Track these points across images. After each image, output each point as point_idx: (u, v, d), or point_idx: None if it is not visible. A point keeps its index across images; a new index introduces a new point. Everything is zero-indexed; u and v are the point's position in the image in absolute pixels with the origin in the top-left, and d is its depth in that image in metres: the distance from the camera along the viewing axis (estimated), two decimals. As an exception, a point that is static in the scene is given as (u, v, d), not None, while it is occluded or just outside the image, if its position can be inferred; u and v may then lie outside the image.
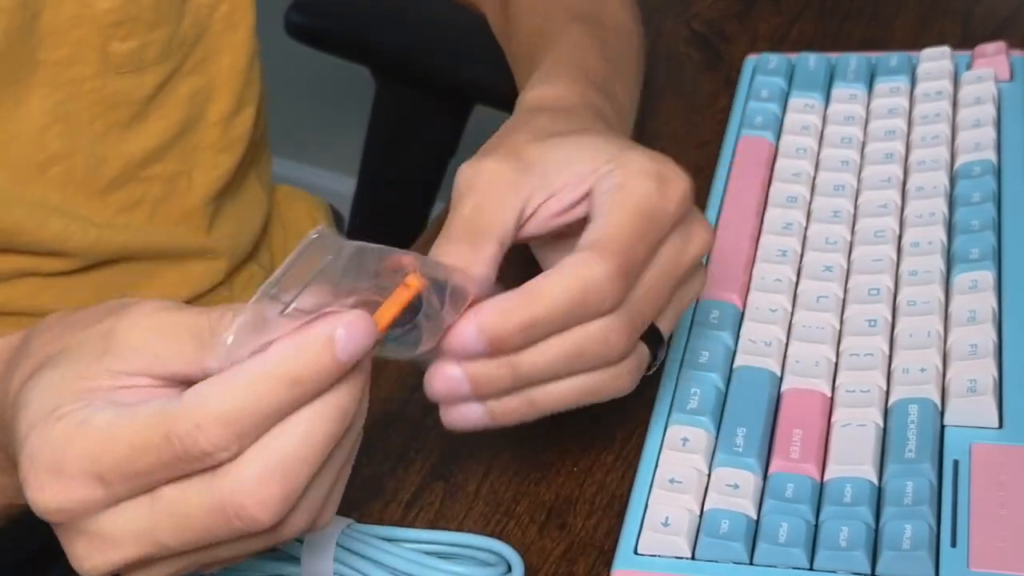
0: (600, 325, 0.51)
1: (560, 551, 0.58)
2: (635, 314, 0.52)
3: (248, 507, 0.44)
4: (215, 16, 0.78)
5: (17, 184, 0.72)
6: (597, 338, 0.51)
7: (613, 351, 0.51)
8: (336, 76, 1.52)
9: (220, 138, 0.81)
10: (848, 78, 0.78)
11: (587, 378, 0.52)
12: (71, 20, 0.71)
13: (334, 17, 1.26)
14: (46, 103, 0.72)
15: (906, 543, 0.52)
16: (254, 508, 0.44)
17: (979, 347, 0.60)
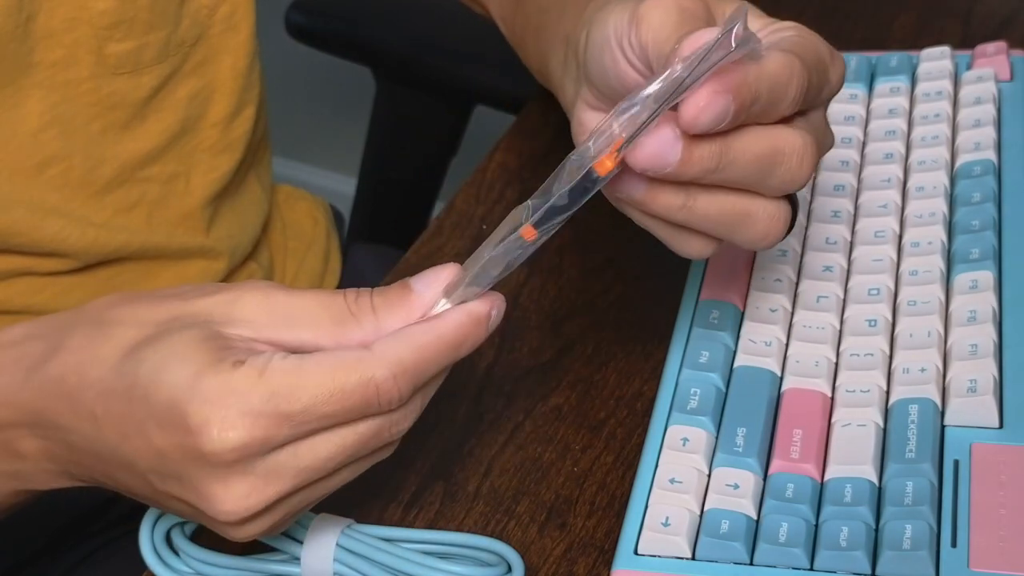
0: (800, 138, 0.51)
1: (560, 551, 0.58)
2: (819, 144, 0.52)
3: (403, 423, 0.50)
4: (215, 18, 0.78)
5: (14, 185, 0.72)
6: (795, 147, 0.51)
7: (804, 169, 0.51)
8: (337, 76, 1.53)
9: (219, 140, 0.81)
10: (848, 78, 0.78)
11: (753, 201, 0.52)
12: (67, 22, 0.71)
13: (335, 17, 1.26)
14: (43, 104, 0.72)
15: (906, 543, 0.52)
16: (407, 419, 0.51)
17: (979, 347, 0.60)
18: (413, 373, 0.49)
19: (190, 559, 0.57)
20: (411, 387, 0.49)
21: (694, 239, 0.53)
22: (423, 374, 0.49)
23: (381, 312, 0.50)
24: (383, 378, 0.48)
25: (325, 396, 0.47)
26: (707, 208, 0.51)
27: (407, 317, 0.50)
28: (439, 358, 0.50)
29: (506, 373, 0.67)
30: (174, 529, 0.58)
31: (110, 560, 0.82)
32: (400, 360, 0.48)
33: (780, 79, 0.50)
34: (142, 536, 0.57)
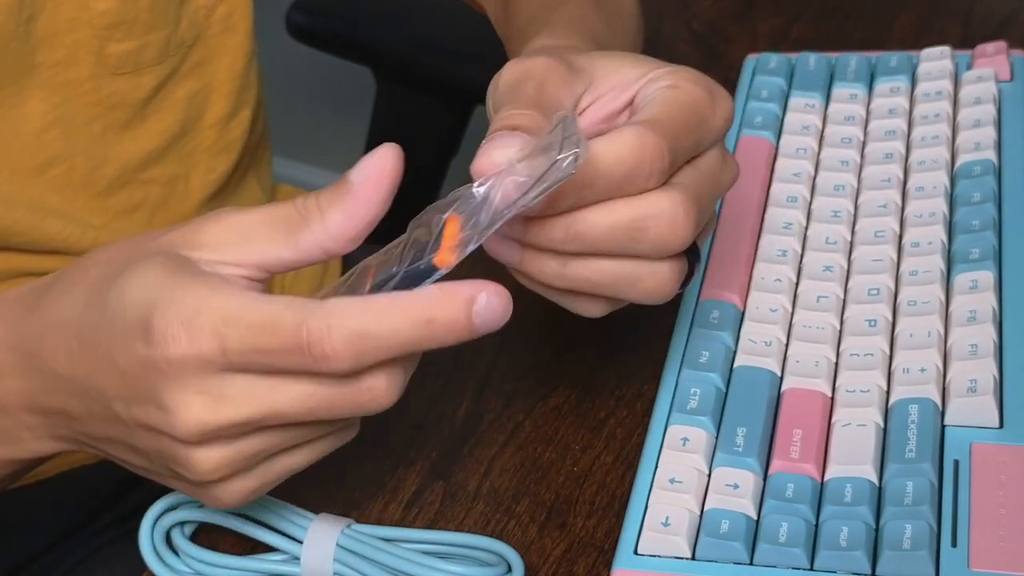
0: (667, 201, 0.50)
1: (560, 551, 0.58)
2: (700, 202, 0.51)
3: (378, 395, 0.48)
4: (212, 18, 0.78)
5: (16, 185, 0.72)
6: (662, 213, 0.50)
7: (678, 235, 0.51)
8: (337, 76, 1.53)
9: (216, 141, 0.81)
10: (848, 78, 0.78)
11: (632, 264, 0.52)
12: (68, 22, 0.71)
13: (335, 17, 1.26)
14: (44, 105, 0.72)
15: (906, 543, 0.52)
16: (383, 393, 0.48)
17: (979, 347, 0.60)
18: (353, 335, 0.46)
19: (190, 559, 0.58)
20: (350, 349, 0.46)
21: (584, 301, 0.54)
22: (368, 340, 0.46)
23: (326, 210, 0.49)
24: (316, 327, 0.46)
25: (259, 328, 0.46)
26: (584, 273, 0.52)
27: (348, 208, 0.48)
28: (395, 330, 0.46)
29: (506, 373, 0.67)
30: (174, 529, 0.58)
31: (110, 560, 0.82)
32: (341, 315, 0.46)
33: (624, 162, 0.49)
34: (142, 536, 0.57)
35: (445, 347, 0.48)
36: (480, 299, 0.47)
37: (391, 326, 0.46)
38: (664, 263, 0.52)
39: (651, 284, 0.52)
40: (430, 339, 0.46)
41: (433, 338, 0.46)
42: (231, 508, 0.53)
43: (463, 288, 0.47)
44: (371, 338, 0.46)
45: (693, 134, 0.52)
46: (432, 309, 0.46)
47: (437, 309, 0.46)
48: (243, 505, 0.52)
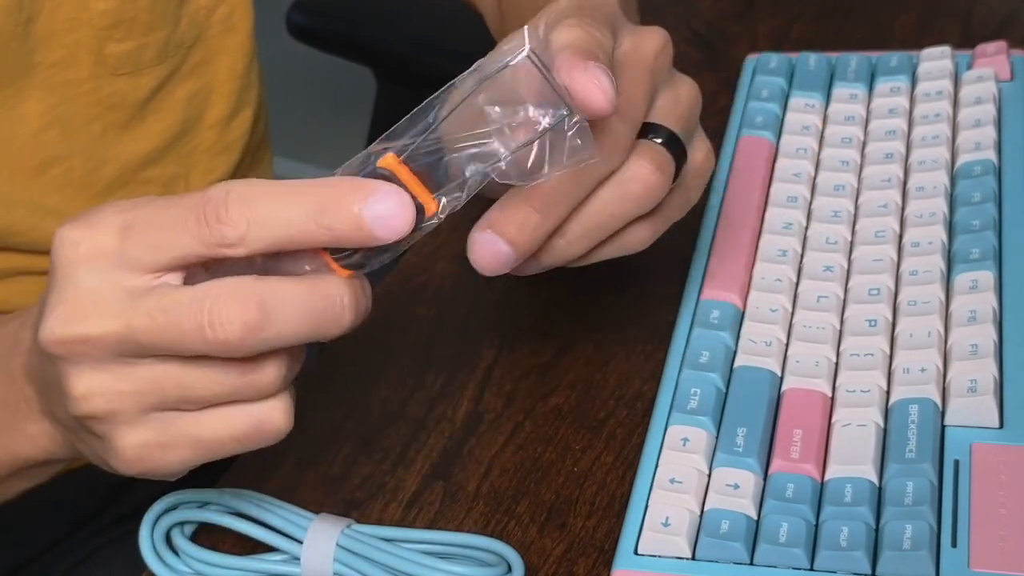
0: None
1: (560, 551, 0.58)
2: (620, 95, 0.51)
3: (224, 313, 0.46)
4: (213, 19, 0.78)
5: (15, 186, 0.72)
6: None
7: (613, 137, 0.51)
8: (338, 76, 1.53)
9: (217, 141, 0.81)
10: (848, 78, 0.78)
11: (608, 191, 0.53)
12: (67, 23, 0.71)
13: (336, 17, 1.26)
14: (43, 105, 0.72)
15: (906, 543, 0.52)
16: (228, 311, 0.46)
17: (979, 347, 0.60)
18: (246, 199, 0.45)
19: (190, 559, 0.58)
20: (242, 216, 0.45)
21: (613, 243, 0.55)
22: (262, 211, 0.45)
23: None
24: (215, 192, 0.46)
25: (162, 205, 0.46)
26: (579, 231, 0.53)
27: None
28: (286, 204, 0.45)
29: (506, 373, 0.67)
30: (174, 529, 0.58)
31: (110, 560, 0.82)
32: (241, 184, 0.46)
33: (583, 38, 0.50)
34: (142, 536, 0.57)
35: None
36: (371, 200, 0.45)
37: (281, 201, 0.46)
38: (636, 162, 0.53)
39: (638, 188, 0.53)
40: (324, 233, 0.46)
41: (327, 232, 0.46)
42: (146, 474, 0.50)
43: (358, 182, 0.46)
44: (261, 205, 0.45)
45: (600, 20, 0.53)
46: (320, 193, 0.46)
47: (325, 194, 0.46)
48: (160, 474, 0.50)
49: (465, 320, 0.71)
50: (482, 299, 0.72)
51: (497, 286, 0.72)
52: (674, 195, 0.56)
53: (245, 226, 0.46)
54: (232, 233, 0.46)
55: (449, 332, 0.70)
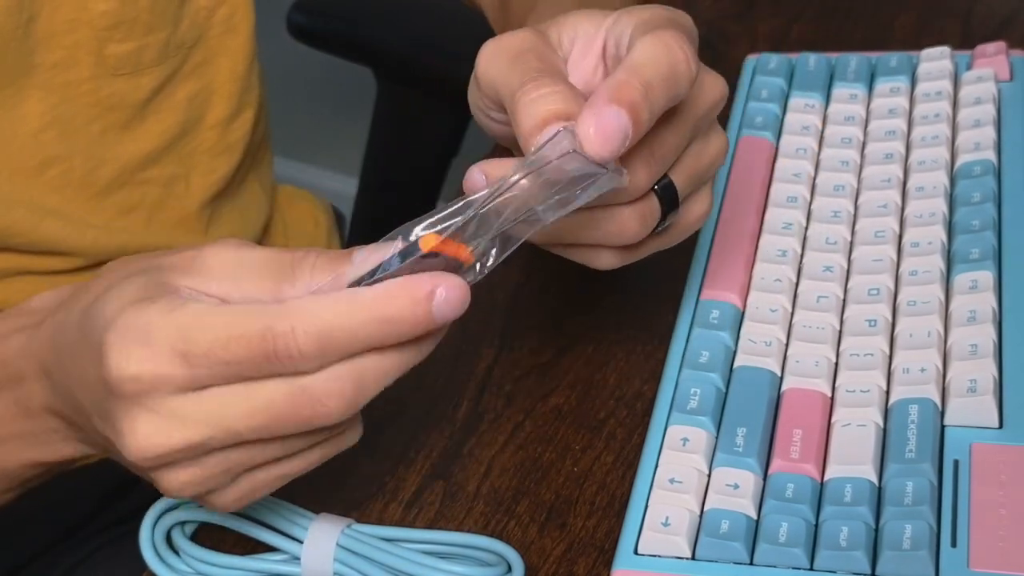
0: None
1: (560, 551, 0.58)
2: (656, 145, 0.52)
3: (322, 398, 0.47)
4: (214, 19, 0.78)
5: (15, 186, 0.72)
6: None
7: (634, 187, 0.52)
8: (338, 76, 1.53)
9: (218, 142, 0.81)
10: (848, 78, 0.78)
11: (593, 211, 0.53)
12: (67, 23, 0.71)
13: (336, 18, 1.26)
14: (42, 106, 0.72)
15: (906, 543, 0.52)
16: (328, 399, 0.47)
17: (979, 347, 0.60)
18: (318, 333, 0.46)
19: (190, 559, 0.58)
20: (315, 348, 0.46)
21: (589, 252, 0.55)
22: (333, 338, 0.46)
23: (316, 273, 0.48)
24: (282, 330, 0.45)
25: (222, 340, 0.46)
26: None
27: (335, 284, 0.48)
28: (357, 327, 0.46)
29: (506, 373, 0.67)
30: (174, 529, 0.58)
31: (110, 560, 0.82)
32: (304, 315, 0.46)
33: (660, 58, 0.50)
34: (142, 536, 0.57)
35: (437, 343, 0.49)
36: (439, 294, 0.47)
37: (353, 325, 0.46)
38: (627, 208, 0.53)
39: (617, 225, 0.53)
40: (392, 336, 0.47)
41: (394, 334, 0.47)
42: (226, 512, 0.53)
43: (422, 283, 0.46)
44: (335, 336, 0.46)
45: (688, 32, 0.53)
46: (390, 307, 0.46)
47: (396, 307, 0.46)
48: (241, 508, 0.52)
49: (465, 320, 0.71)
50: (482, 299, 0.72)
51: (499, 286, 0.72)
52: (654, 239, 0.56)
53: (319, 360, 0.46)
54: (307, 366, 0.47)
55: (449, 332, 0.70)
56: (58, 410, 0.54)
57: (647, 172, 0.52)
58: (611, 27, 0.54)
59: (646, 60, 0.50)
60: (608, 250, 0.56)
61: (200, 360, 0.46)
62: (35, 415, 0.55)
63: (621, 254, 0.56)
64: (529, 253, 0.67)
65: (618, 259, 0.56)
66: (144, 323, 0.47)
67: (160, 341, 0.46)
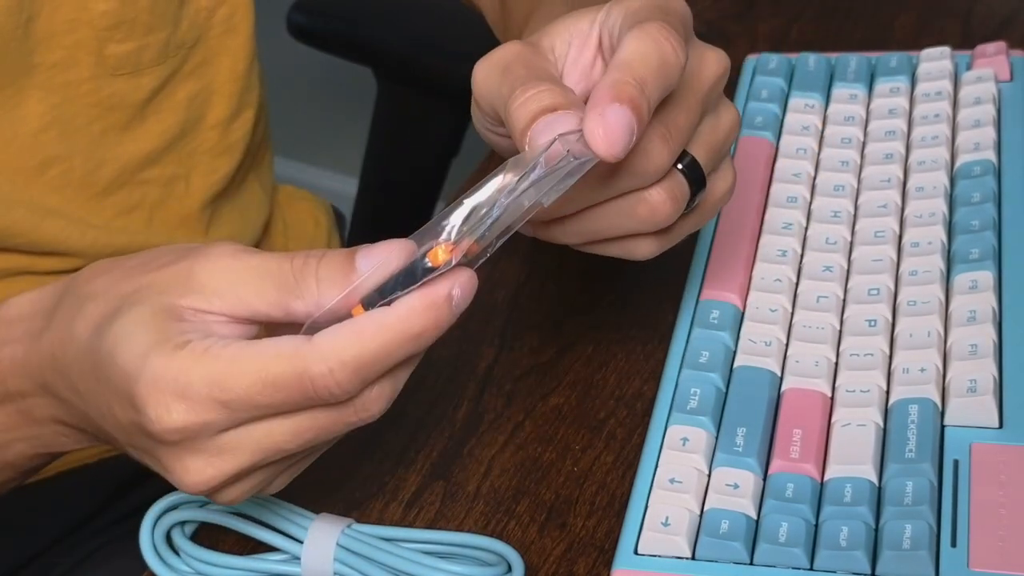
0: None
1: (560, 551, 0.58)
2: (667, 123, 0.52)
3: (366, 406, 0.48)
4: (214, 20, 0.78)
5: (15, 186, 0.72)
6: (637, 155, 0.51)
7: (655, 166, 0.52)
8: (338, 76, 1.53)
9: (218, 142, 0.81)
10: (848, 78, 0.78)
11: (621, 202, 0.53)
12: (67, 23, 0.71)
13: (336, 18, 1.26)
14: (42, 106, 0.72)
15: (906, 543, 0.52)
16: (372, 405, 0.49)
17: (979, 347, 0.60)
18: (355, 367, 0.47)
19: (190, 559, 0.58)
20: (355, 380, 0.47)
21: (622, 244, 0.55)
22: (369, 367, 0.47)
23: (323, 285, 0.48)
24: (318, 373, 0.46)
25: (259, 387, 0.47)
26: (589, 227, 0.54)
27: (348, 296, 0.48)
28: (389, 350, 0.47)
29: (506, 373, 0.67)
30: (174, 529, 0.58)
31: (110, 560, 0.82)
32: (338, 353, 0.46)
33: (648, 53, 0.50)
34: (142, 536, 0.57)
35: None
36: (455, 294, 0.48)
37: (385, 350, 0.47)
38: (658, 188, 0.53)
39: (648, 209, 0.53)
40: (421, 345, 0.48)
41: (423, 344, 0.48)
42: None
43: (439, 290, 0.48)
44: (370, 365, 0.47)
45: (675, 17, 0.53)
46: (416, 322, 0.47)
47: (421, 321, 0.47)
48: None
49: (465, 320, 0.71)
50: (482, 299, 0.72)
51: (499, 286, 0.72)
52: (686, 219, 0.56)
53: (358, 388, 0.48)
54: (345, 398, 0.48)
55: (449, 332, 0.70)
56: (66, 421, 0.54)
57: (667, 148, 0.52)
58: (604, 20, 0.55)
59: (636, 56, 0.50)
60: (645, 238, 0.55)
61: (239, 405, 0.47)
62: (42, 423, 0.55)
63: (658, 240, 0.56)
64: (529, 253, 0.67)
65: (656, 246, 0.56)
66: (175, 375, 0.47)
67: (197, 393, 0.47)
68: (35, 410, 0.55)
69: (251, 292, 0.48)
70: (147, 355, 0.47)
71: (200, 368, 0.47)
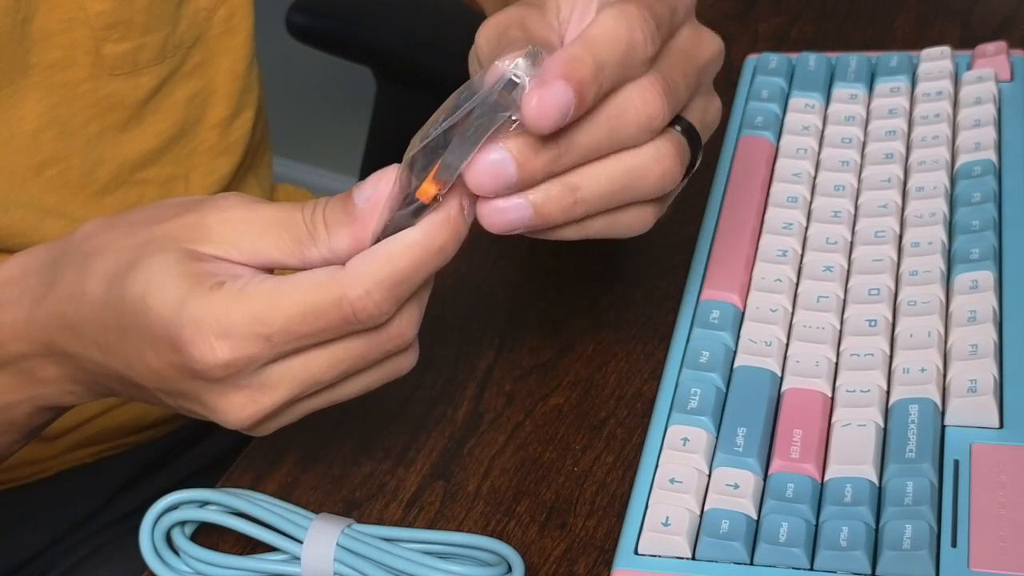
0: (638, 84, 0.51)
1: (560, 551, 0.58)
2: (668, 78, 0.52)
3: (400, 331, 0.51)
4: (213, 20, 0.78)
5: (13, 186, 0.72)
6: (631, 92, 0.50)
7: (653, 111, 0.51)
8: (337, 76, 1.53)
9: (218, 142, 0.81)
10: (848, 78, 0.78)
11: (630, 158, 0.51)
12: (64, 23, 0.71)
13: (335, 18, 1.26)
14: (40, 105, 0.72)
15: (906, 543, 0.52)
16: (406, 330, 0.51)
17: (979, 347, 0.60)
18: (390, 286, 0.49)
19: (190, 559, 0.58)
20: (391, 300, 0.49)
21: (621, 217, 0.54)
22: (402, 285, 0.49)
23: (331, 229, 0.50)
24: (356, 296, 0.49)
25: (299, 317, 0.49)
26: (594, 188, 0.51)
27: (355, 234, 0.50)
28: (418, 266, 0.49)
29: (506, 373, 0.67)
30: (174, 529, 0.58)
31: (110, 560, 0.82)
32: (372, 275, 0.49)
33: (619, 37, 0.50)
34: (142, 536, 0.57)
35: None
36: (465, 204, 0.50)
37: (414, 266, 0.49)
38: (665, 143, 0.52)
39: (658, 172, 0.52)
40: (445, 257, 0.50)
41: (446, 257, 0.50)
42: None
43: (451, 206, 0.50)
44: (403, 283, 0.49)
45: (664, 2, 0.52)
46: (439, 236, 0.49)
47: (442, 235, 0.49)
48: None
49: (465, 320, 0.71)
50: (482, 299, 0.72)
51: (499, 286, 0.72)
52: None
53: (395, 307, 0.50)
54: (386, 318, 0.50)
55: (449, 332, 0.70)
56: (75, 378, 0.55)
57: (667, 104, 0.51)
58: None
59: (605, 35, 0.49)
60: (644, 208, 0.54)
61: (282, 337, 0.49)
62: (45, 383, 0.56)
63: (656, 207, 0.55)
64: (529, 253, 0.67)
65: (653, 215, 0.55)
66: (217, 315, 0.49)
67: (240, 330, 0.49)
68: (37, 370, 0.55)
69: (268, 243, 0.50)
70: (185, 299, 0.49)
71: (240, 306, 0.49)
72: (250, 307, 0.49)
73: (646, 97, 0.51)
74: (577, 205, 0.51)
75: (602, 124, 0.50)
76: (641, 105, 0.51)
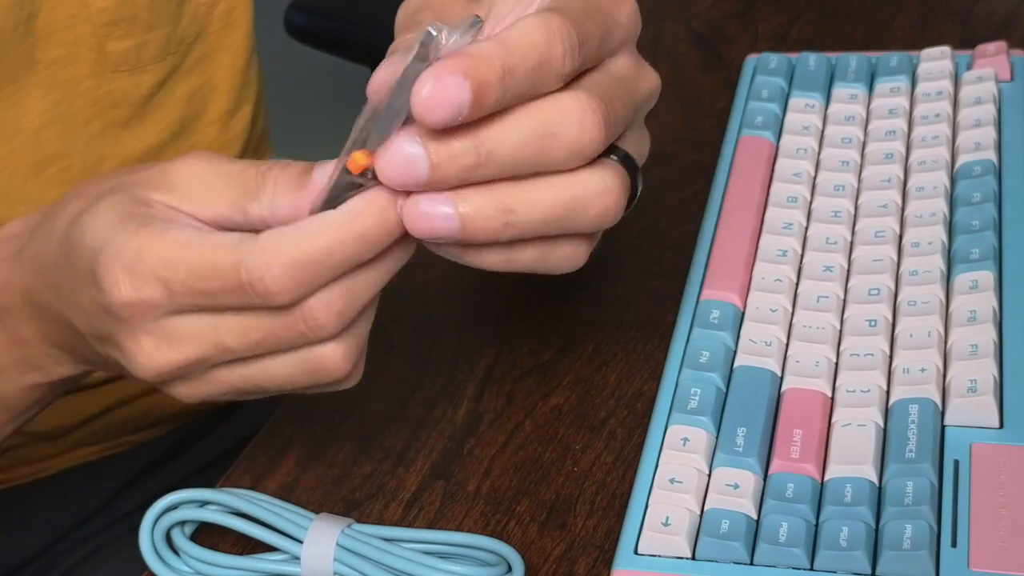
0: (571, 100, 0.47)
1: (560, 551, 0.58)
2: (609, 104, 0.49)
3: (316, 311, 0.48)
4: (213, 15, 0.78)
5: (15, 183, 0.72)
6: (568, 113, 0.47)
7: (587, 134, 0.47)
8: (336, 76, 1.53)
9: (218, 137, 0.81)
10: (848, 78, 0.78)
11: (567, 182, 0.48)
12: (67, 20, 0.71)
13: (334, 17, 1.26)
14: (43, 103, 0.72)
15: (906, 543, 0.52)
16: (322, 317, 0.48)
17: (980, 347, 0.60)
18: (293, 264, 0.46)
19: (190, 559, 0.58)
20: (292, 279, 0.46)
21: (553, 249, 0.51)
22: (309, 267, 0.46)
23: (278, 190, 0.49)
24: (254, 265, 0.46)
25: (197, 270, 0.47)
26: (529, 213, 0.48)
27: (297, 202, 0.48)
28: (331, 249, 0.47)
29: (506, 373, 0.67)
30: (174, 529, 0.58)
31: (110, 560, 0.82)
32: (277, 248, 0.46)
33: (535, 45, 0.46)
34: (142, 536, 0.57)
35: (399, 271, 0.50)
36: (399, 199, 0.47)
37: (326, 248, 0.47)
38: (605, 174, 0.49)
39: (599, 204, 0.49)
40: (368, 247, 0.47)
41: (369, 245, 0.47)
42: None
43: (381, 195, 0.47)
44: (310, 265, 0.47)
45: (597, 22, 0.49)
46: (358, 222, 0.47)
47: (363, 221, 0.47)
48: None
49: (465, 320, 0.71)
50: (482, 299, 0.72)
51: (498, 286, 0.72)
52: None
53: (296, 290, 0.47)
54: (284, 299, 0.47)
55: (449, 332, 0.70)
56: (50, 335, 0.55)
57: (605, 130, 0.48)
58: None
59: (519, 41, 0.46)
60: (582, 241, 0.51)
61: (179, 287, 0.48)
62: (27, 342, 0.56)
63: (589, 243, 0.52)
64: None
65: (586, 251, 0.52)
66: (134, 248, 0.48)
67: (145, 267, 0.48)
68: (20, 327, 0.56)
69: (216, 194, 0.49)
70: (111, 234, 0.49)
71: (154, 246, 0.48)
72: (160, 250, 0.48)
73: (585, 122, 0.47)
74: (508, 228, 0.48)
75: (530, 141, 0.47)
76: (578, 131, 0.47)
